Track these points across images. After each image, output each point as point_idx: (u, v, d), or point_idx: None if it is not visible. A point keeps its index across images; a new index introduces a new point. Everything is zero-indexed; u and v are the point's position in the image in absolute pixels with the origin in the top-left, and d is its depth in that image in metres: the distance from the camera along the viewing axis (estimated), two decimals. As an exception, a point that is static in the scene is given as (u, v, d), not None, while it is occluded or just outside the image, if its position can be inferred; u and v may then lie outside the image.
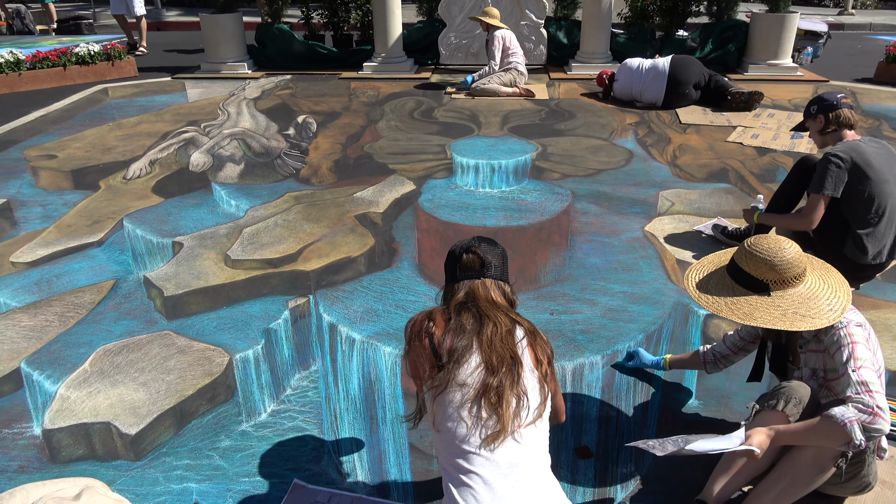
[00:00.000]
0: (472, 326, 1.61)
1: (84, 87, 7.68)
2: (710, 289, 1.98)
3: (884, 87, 7.29)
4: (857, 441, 1.67)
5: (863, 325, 1.90)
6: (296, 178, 4.72)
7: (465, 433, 1.52)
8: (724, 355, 2.38)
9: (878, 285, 3.23)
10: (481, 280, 1.72)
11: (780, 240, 1.91)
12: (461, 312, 1.65)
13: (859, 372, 1.75)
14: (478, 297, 1.69)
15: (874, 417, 1.67)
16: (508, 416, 1.51)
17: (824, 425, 1.72)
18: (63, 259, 3.59)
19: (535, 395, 1.59)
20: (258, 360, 2.73)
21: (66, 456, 2.25)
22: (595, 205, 4.18)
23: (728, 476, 1.94)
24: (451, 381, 1.55)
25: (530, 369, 1.61)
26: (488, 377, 1.54)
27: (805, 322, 1.83)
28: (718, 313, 1.90)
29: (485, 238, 1.81)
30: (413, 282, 3.31)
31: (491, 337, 1.58)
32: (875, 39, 11.24)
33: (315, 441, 2.31)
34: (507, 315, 1.66)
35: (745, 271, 1.92)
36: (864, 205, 3.07)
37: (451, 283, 1.77)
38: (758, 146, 5.26)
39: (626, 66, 6.66)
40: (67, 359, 2.74)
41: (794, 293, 1.88)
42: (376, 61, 8.04)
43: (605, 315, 3.01)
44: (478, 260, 1.73)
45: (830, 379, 1.95)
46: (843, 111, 3.15)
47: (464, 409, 1.53)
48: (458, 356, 1.56)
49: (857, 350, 1.80)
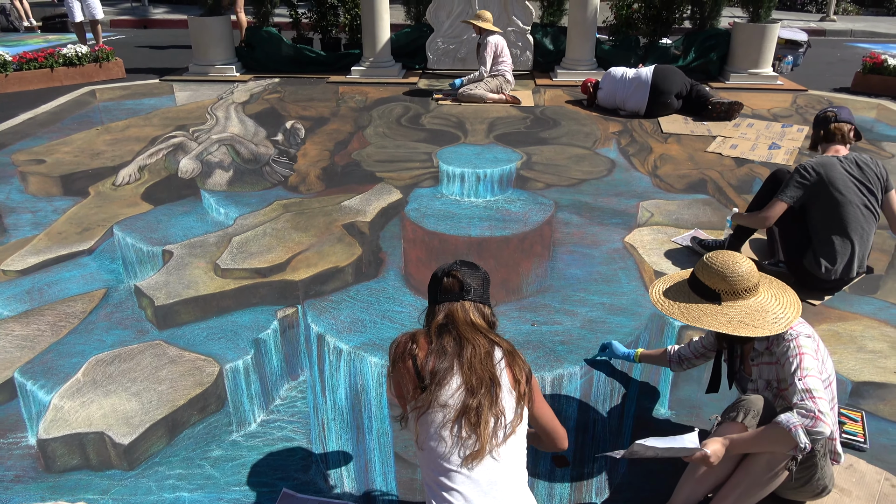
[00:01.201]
0: (453, 349, 1.68)
1: (71, 88, 7.68)
2: (667, 294, 2.18)
3: (860, 97, 7.47)
4: (801, 444, 1.82)
5: (811, 336, 2.05)
6: (284, 186, 4.79)
7: (446, 452, 1.61)
8: (687, 358, 2.55)
9: (845, 297, 3.37)
10: (461, 303, 1.78)
11: (735, 255, 2.09)
12: (442, 335, 1.72)
13: (805, 380, 1.90)
14: (457, 319, 1.75)
15: (815, 421, 1.81)
16: (487, 436, 1.59)
17: (772, 432, 1.87)
18: (54, 267, 3.64)
19: (512, 414, 1.66)
20: (248, 371, 2.81)
21: (61, 465, 2.32)
22: (577, 215, 4.29)
23: (693, 483, 2.06)
24: (434, 402, 1.63)
25: (508, 389, 1.68)
26: (468, 398, 1.62)
27: (748, 330, 2.00)
28: (671, 315, 2.10)
29: (466, 262, 1.89)
30: (399, 292, 3.41)
31: (471, 359, 1.66)
32: (854, 47, 11.46)
33: (303, 451, 2.40)
34: (486, 337, 1.73)
35: (700, 281, 2.10)
36: (824, 220, 3.25)
37: (433, 304, 1.84)
38: (736, 157, 5.40)
39: (610, 74, 6.78)
40: (60, 368, 2.80)
41: (743, 304, 2.05)
42: (364, 65, 8.11)
43: (584, 326, 3.12)
44: (457, 283, 1.80)
45: (783, 388, 2.09)
46: (833, 126, 3.35)
47: (445, 428, 1.61)
48: (440, 378, 1.64)
49: (804, 360, 1.95)
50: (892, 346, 2.97)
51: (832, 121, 3.37)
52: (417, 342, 1.73)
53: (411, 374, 1.69)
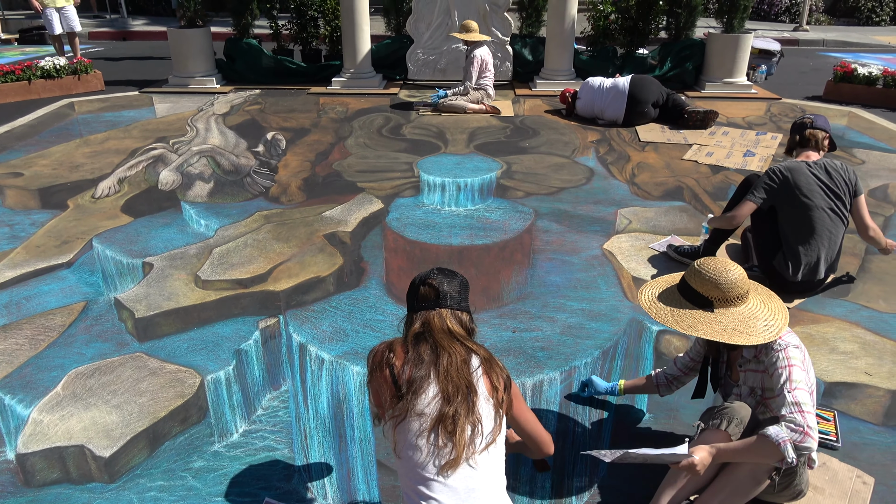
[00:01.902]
0: (430, 357, 1.69)
1: (49, 101, 7.63)
2: (659, 301, 2.16)
3: (832, 105, 7.65)
4: (789, 459, 1.84)
5: (799, 347, 2.07)
6: (265, 197, 4.80)
7: (423, 460, 1.62)
8: (675, 377, 2.51)
9: (818, 301, 3.44)
10: (437, 311, 1.78)
11: (726, 262, 2.09)
12: (419, 343, 1.72)
13: (794, 393, 1.91)
14: (433, 327, 1.75)
15: (804, 437, 1.83)
16: (463, 444, 1.60)
17: (760, 444, 1.88)
18: (32, 281, 3.62)
19: (489, 422, 1.67)
20: (229, 381, 2.81)
21: (41, 480, 2.31)
22: (556, 223, 4.34)
23: (674, 489, 2.09)
24: (410, 411, 1.63)
25: (485, 397, 1.69)
26: (444, 406, 1.62)
27: (742, 338, 2.00)
28: (664, 323, 2.08)
29: (444, 269, 1.89)
30: (381, 301, 3.43)
31: (447, 367, 1.66)
32: (826, 56, 11.72)
33: (286, 460, 2.40)
34: (463, 344, 1.74)
35: (692, 288, 2.09)
36: (791, 223, 3.35)
37: (411, 312, 1.84)
38: (712, 164, 5.50)
39: (588, 84, 6.88)
40: (39, 382, 2.79)
41: (735, 312, 2.05)
42: (345, 76, 8.15)
43: (563, 332, 3.16)
44: (433, 291, 1.80)
45: (768, 397, 2.12)
46: (808, 132, 3.48)
47: (421, 437, 1.62)
48: (416, 387, 1.65)
49: (793, 373, 1.97)
50: (864, 347, 3.05)
51: (808, 127, 3.48)
52: (394, 351, 1.74)
53: (388, 384, 1.69)
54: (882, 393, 2.75)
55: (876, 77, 7.79)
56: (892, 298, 3.47)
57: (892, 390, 2.76)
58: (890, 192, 4.92)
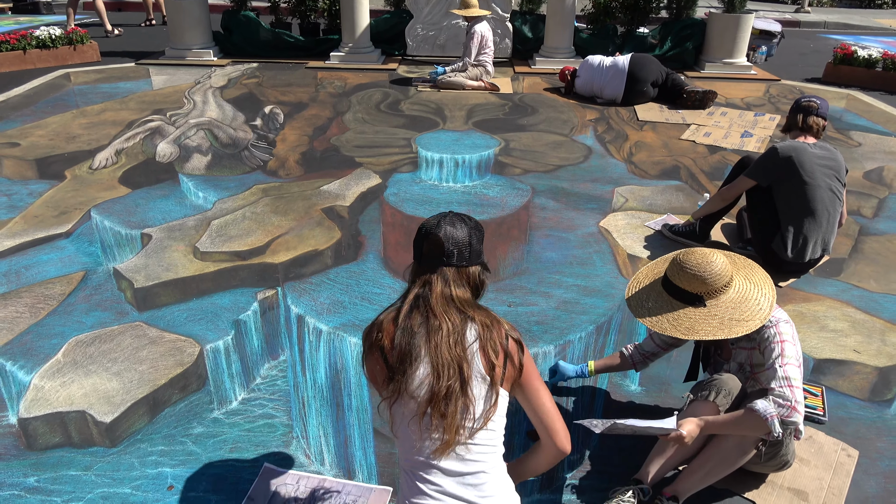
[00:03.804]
0: (422, 330, 1.57)
1: (45, 71, 7.57)
2: (651, 308, 2.12)
3: (830, 88, 7.64)
4: (775, 433, 1.89)
5: (789, 322, 2.10)
6: (263, 171, 4.80)
7: (416, 443, 1.56)
8: (653, 353, 2.51)
9: (809, 279, 3.49)
10: (440, 271, 1.62)
11: (706, 254, 2.06)
12: (412, 313, 1.60)
13: (785, 368, 1.95)
14: (432, 292, 1.60)
15: (791, 411, 1.88)
16: (455, 427, 1.52)
17: (748, 418, 1.92)
18: (31, 250, 3.63)
19: (482, 402, 1.56)
20: (228, 351, 2.85)
21: (43, 443, 2.35)
22: (553, 200, 4.36)
23: (662, 458, 2.14)
24: (402, 391, 1.55)
25: (481, 375, 1.56)
26: (435, 386, 1.52)
27: (741, 326, 2.00)
28: (663, 332, 2.06)
29: (454, 218, 1.66)
30: (378, 274, 3.46)
31: (438, 342, 1.55)
32: (827, 38, 11.66)
33: (284, 427, 2.45)
34: (462, 312, 1.59)
35: (678, 287, 2.08)
36: (791, 202, 3.36)
37: (416, 262, 1.68)
38: (709, 144, 5.51)
39: (587, 62, 6.86)
40: (40, 349, 2.82)
41: (725, 299, 2.06)
42: (343, 51, 8.09)
43: (559, 307, 3.20)
44: (438, 248, 1.62)
45: (756, 372, 2.16)
46: (812, 118, 3.44)
47: (413, 421, 1.55)
48: (406, 366, 1.55)
49: (785, 348, 2.00)
50: (853, 325, 3.10)
51: (812, 113, 3.44)
52: (383, 330, 1.61)
53: (381, 365, 1.60)
54: (869, 370, 2.80)
55: (876, 60, 7.78)
56: (883, 278, 3.52)
57: (880, 367, 2.82)
58: (885, 175, 4.95)
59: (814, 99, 3.49)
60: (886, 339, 3.00)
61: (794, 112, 3.53)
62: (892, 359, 2.87)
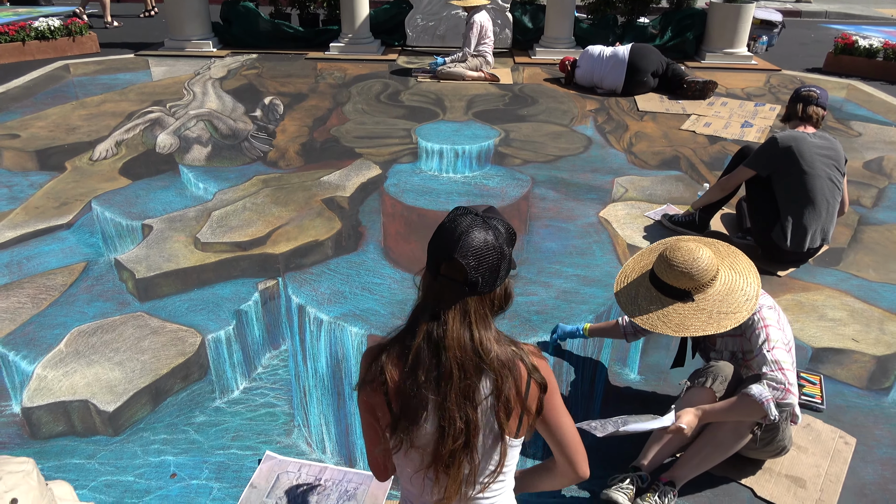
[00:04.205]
0: (430, 378, 1.35)
1: (44, 63, 7.55)
2: (641, 305, 2.14)
3: (831, 77, 7.62)
4: (772, 416, 1.92)
5: (773, 307, 2.13)
6: (263, 162, 4.80)
7: (419, 494, 1.48)
8: (643, 330, 2.57)
9: (808, 269, 3.50)
10: (460, 304, 1.34)
11: (692, 249, 2.07)
12: (419, 359, 1.36)
13: (773, 352, 1.98)
14: (447, 333, 1.34)
15: (785, 394, 1.91)
16: (458, 482, 1.39)
17: (743, 403, 1.95)
18: (32, 241, 3.64)
19: (493, 462, 1.42)
20: (230, 341, 2.86)
21: (46, 432, 2.37)
22: (553, 191, 4.37)
23: (660, 445, 2.16)
24: (405, 444, 1.39)
25: (494, 434, 1.40)
26: (441, 448, 1.36)
27: (729, 319, 2.02)
28: (654, 329, 2.07)
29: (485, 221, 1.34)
30: (378, 265, 3.47)
31: (448, 395, 1.35)
32: (828, 28, 11.62)
33: (285, 416, 2.47)
34: (478, 356, 1.36)
35: (667, 284, 2.09)
36: (791, 192, 3.36)
37: (431, 277, 1.37)
38: (709, 134, 5.51)
39: (587, 52, 6.84)
40: (42, 339, 2.83)
41: (713, 292, 2.07)
42: (343, 42, 8.07)
43: (558, 297, 3.21)
44: (460, 273, 1.32)
45: (748, 359, 2.18)
46: (812, 108, 3.43)
47: (417, 475, 1.43)
48: (411, 421, 1.37)
49: (770, 332, 2.04)
50: (851, 314, 3.11)
51: (812, 103, 3.43)
52: (386, 371, 1.39)
53: (382, 405, 1.41)
54: (868, 359, 2.82)
55: (877, 49, 7.76)
56: (882, 268, 3.53)
57: (878, 356, 2.83)
58: (885, 165, 4.95)
59: (813, 88, 3.48)
60: (885, 328, 3.01)
61: (793, 101, 3.52)
62: (890, 347, 2.89)
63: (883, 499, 2.15)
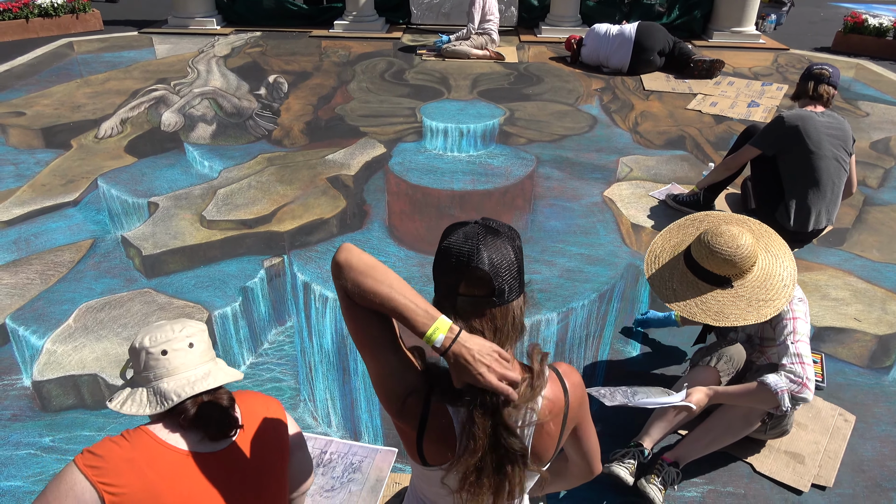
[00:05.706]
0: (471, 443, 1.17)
1: (47, 40, 7.52)
2: (677, 291, 2.06)
3: (840, 57, 7.54)
4: (784, 408, 1.92)
5: (803, 299, 2.08)
6: (268, 140, 4.80)
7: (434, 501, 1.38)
8: None
9: (812, 249, 3.50)
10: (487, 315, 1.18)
11: (734, 234, 1.99)
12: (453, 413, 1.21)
13: (797, 345, 1.96)
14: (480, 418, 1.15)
15: (802, 388, 1.91)
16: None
17: (759, 391, 1.94)
18: (40, 218, 3.67)
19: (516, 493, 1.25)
20: (236, 317, 2.89)
21: (57, 405, 2.41)
22: (558, 170, 4.36)
23: (663, 422, 2.18)
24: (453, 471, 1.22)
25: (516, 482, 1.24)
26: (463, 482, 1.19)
27: (768, 307, 1.96)
28: (693, 318, 2.01)
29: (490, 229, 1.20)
30: (384, 243, 3.48)
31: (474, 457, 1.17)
32: (838, 7, 11.47)
33: (292, 391, 2.50)
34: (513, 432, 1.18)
35: (708, 270, 2.01)
36: (796, 172, 3.35)
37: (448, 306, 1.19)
38: (715, 114, 5.48)
39: (593, 31, 6.78)
40: (51, 315, 2.87)
41: (751, 278, 2.01)
42: (347, 19, 8.02)
43: (562, 275, 3.23)
44: (485, 284, 1.16)
45: (766, 346, 2.18)
46: (823, 87, 3.38)
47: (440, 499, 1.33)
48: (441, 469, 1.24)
49: (798, 325, 2.00)
50: (854, 294, 3.12)
51: (824, 81, 3.38)
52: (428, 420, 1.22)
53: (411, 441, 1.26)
54: (869, 338, 2.83)
55: (887, 28, 7.67)
56: (886, 248, 3.53)
57: (879, 335, 2.85)
58: (892, 145, 4.92)
59: (826, 67, 3.43)
60: (887, 308, 3.03)
61: (804, 79, 3.45)
62: (891, 327, 2.90)
63: (881, 474, 2.18)
